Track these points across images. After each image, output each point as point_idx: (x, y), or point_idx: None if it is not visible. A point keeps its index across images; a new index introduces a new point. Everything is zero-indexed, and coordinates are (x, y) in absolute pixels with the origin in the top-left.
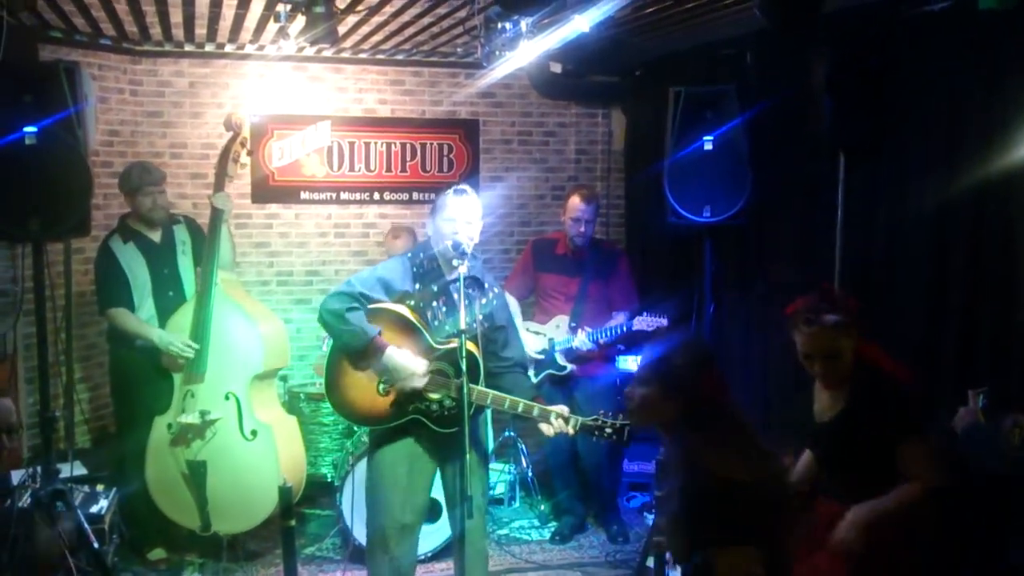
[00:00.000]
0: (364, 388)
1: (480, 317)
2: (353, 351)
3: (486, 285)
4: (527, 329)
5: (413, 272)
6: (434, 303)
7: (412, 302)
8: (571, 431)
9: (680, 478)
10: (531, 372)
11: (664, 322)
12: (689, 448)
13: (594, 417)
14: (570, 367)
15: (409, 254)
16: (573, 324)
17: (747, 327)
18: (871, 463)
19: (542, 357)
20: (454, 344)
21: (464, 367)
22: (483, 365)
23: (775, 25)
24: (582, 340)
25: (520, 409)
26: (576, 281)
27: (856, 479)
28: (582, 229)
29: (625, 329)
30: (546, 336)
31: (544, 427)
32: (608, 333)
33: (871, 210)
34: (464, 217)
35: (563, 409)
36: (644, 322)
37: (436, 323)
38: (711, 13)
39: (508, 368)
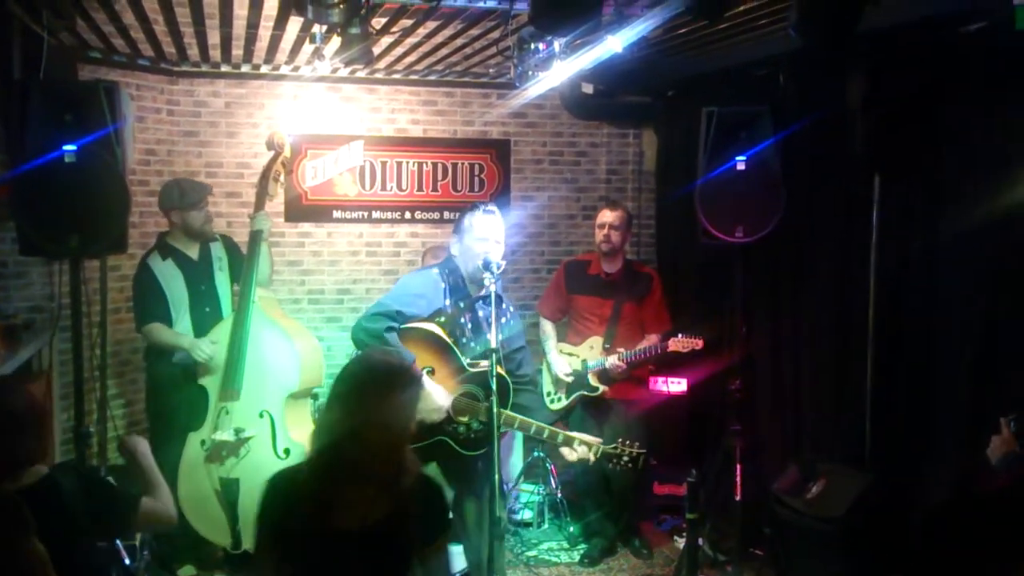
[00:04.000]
0: None
1: (500, 337)
2: None
3: (504, 304)
4: (560, 351)
5: (443, 288)
6: (461, 320)
7: (443, 319)
8: (592, 458)
9: None
10: (562, 394)
11: (699, 343)
12: None
13: (614, 445)
14: (602, 388)
15: (436, 269)
16: (607, 345)
17: (779, 350)
18: None
19: (572, 379)
20: (484, 367)
21: (495, 386)
22: (511, 389)
23: (810, 45)
24: (614, 361)
25: (545, 435)
26: (609, 303)
27: None
28: (606, 232)
29: (659, 350)
30: (579, 357)
31: (566, 452)
32: (642, 354)
33: (906, 232)
34: (495, 236)
35: (586, 436)
36: (679, 343)
37: (464, 340)
38: (745, 33)
39: (524, 385)
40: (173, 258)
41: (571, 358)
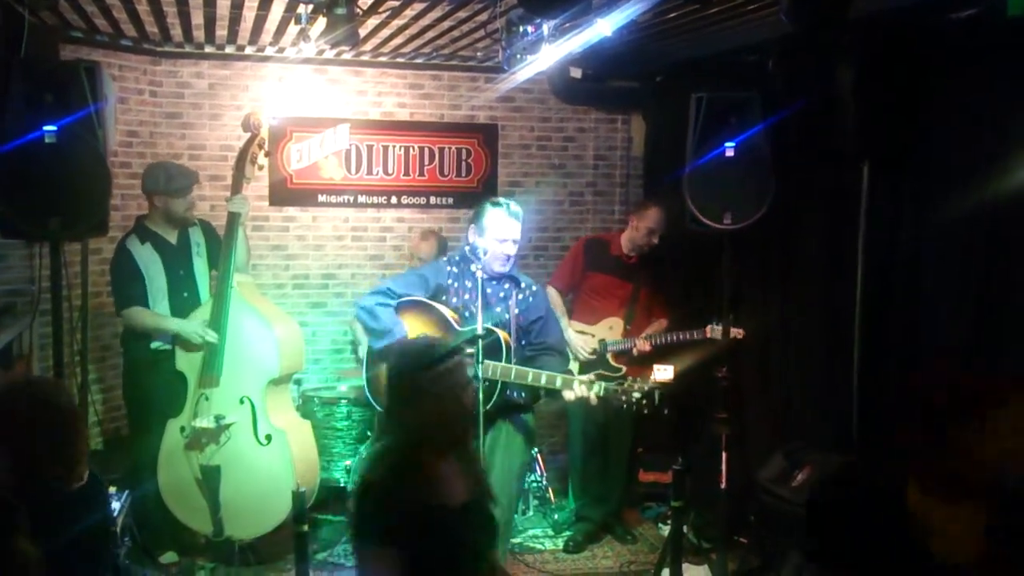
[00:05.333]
0: None
1: (516, 311)
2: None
3: (522, 284)
4: (572, 328)
5: (448, 270)
6: (466, 296)
7: (445, 297)
8: (594, 397)
9: None
10: (575, 370)
11: (741, 332)
12: None
13: (619, 381)
14: (624, 369)
15: (446, 258)
16: (628, 327)
17: (766, 337)
18: None
19: (592, 356)
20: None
21: (479, 372)
22: (511, 348)
23: (802, 30)
24: (642, 345)
25: (543, 381)
26: (629, 285)
27: None
28: (655, 240)
29: (695, 335)
30: (595, 336)
31: (566, 393)
32: (673, 337)
33: (894, 220)
34: (515, 237)
35: (585, 376)
36: (719, 331)
37: (468, 315)
38: (735, 18)
39: (541, 351)
40: (152, 242)
41: (585, 336)
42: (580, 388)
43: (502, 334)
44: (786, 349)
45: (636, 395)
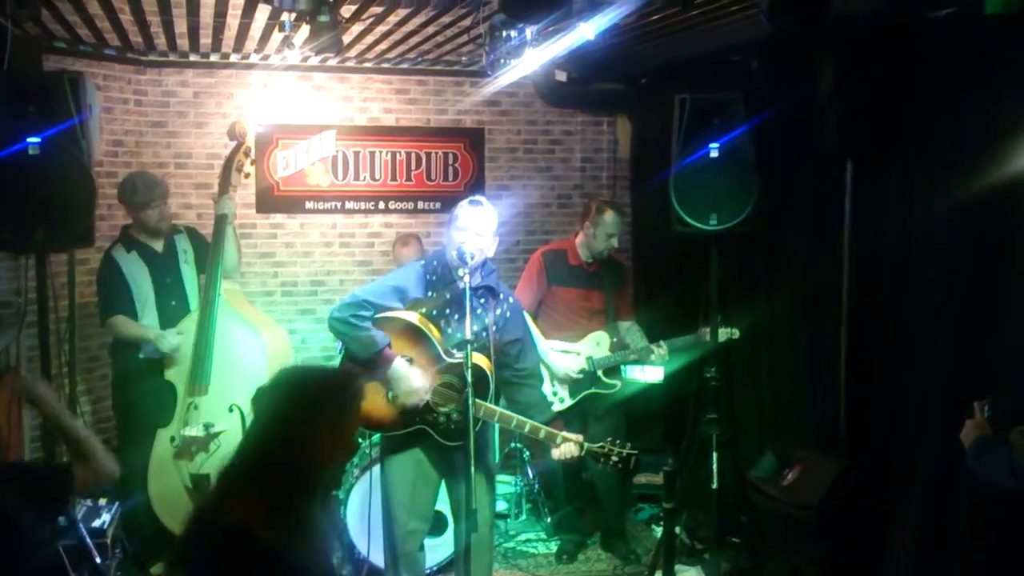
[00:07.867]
0: (373, 394)
1: (494, 328)
2: (362, 360)
3: (500, 295)
4: (552, 348)
5: (427, 279)
6: (447, 310)
7: (424, 309)
8: (576, 452)
9: None
10: (565, 395)
11: (736, 333)
12: None
13: (600, 444)
14: (619, 384)
15: (423, 261)
16: (614, 339)
17: (754, 337)
18: None
19: (581, 376)
20: (462, 357)
21: (470, 379)
22: (492, 380)
23: (781, 31)
24: (662, 352)
25: (527, 430)
26: (596, 295)
27: None
28: (615, 244)
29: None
30: (580, 354)
31: (554, 451)
32: (683, 343)
33: (879, 218)
34: (475, 228)
35: (570, 435)
36: (706, 334)
37: (449, 331)
38: (717, 20)
39: (524, 379)
40: (137, 251)
41: (570, 355)
42: (565, 447)
43: (485, 364)
44: (774, 348)
45: (614, 459)
